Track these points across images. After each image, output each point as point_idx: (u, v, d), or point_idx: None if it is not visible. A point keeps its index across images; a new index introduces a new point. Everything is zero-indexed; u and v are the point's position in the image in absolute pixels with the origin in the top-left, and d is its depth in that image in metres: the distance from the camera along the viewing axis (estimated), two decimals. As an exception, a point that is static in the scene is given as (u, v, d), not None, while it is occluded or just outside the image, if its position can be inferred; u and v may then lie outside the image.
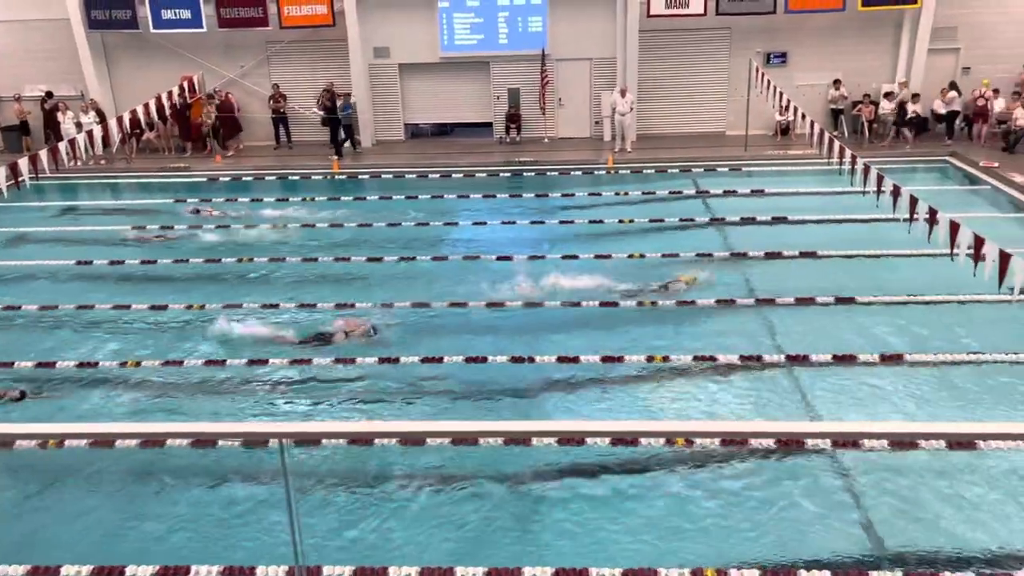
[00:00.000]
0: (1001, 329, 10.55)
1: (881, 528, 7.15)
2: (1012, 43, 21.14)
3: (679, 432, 5.50)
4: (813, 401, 9.30)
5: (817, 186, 17.39)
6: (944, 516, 7.24)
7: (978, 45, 21.38)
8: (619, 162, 20.29)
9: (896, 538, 7.03)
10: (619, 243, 14.77)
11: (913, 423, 8.22)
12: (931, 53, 21.17)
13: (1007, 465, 7.91)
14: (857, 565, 6.70)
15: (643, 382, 9.82)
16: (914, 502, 7.45)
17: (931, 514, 7.28)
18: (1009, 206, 16.29)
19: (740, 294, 12.18)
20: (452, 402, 9.45)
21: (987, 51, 21.32)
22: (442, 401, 9.49)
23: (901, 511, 7.36)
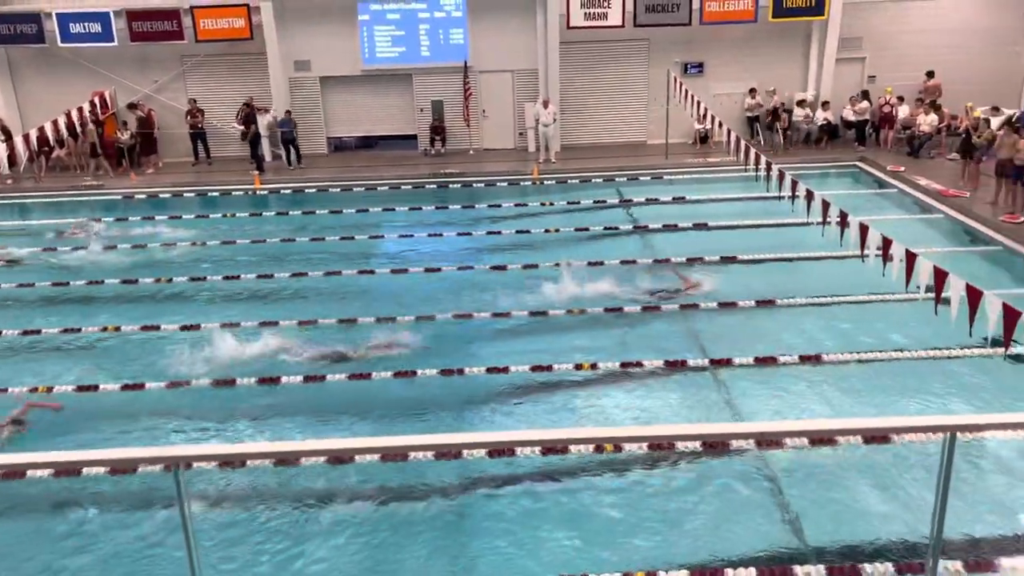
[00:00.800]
0: (912, 325, 11.00)
1: (805, 523, 7.35)
2: (913, 52, 22.18)
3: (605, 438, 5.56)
4: (737, 402, 9.52)
5: (736, 192, 17.87)
6: (864, 508, 7.49)
7: (882, 54, 22.36)
8: (544, 173, 20.48)
9: (819, 532, 7.23)
10: (545, 252, 14.90)
11: (832, 420, 8.48)
12: (839, 62, 22.03)
13: (923, 456, 8.25)
14: (782, 561, 6.87)
15: (573, 389, 9.89)
16: (834, 497, 7.68)
17: (851, 507, 7.51)
18: (915, 208, 17.03)
19: (664, 300, 12.40)
20: (378, 419, 9.34)
21: (890, 60, 22.31)
22: (370, 417, 9.37)
23: (823, 505, 7.58)
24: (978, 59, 22.03)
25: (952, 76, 21.58)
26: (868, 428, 3.13)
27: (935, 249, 13.37)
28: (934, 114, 20.35)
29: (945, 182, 17.52)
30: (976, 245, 14.61)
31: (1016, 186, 14.87)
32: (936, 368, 10.05)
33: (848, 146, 21.64)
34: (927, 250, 11.62)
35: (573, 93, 22.65)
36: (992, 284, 10.86)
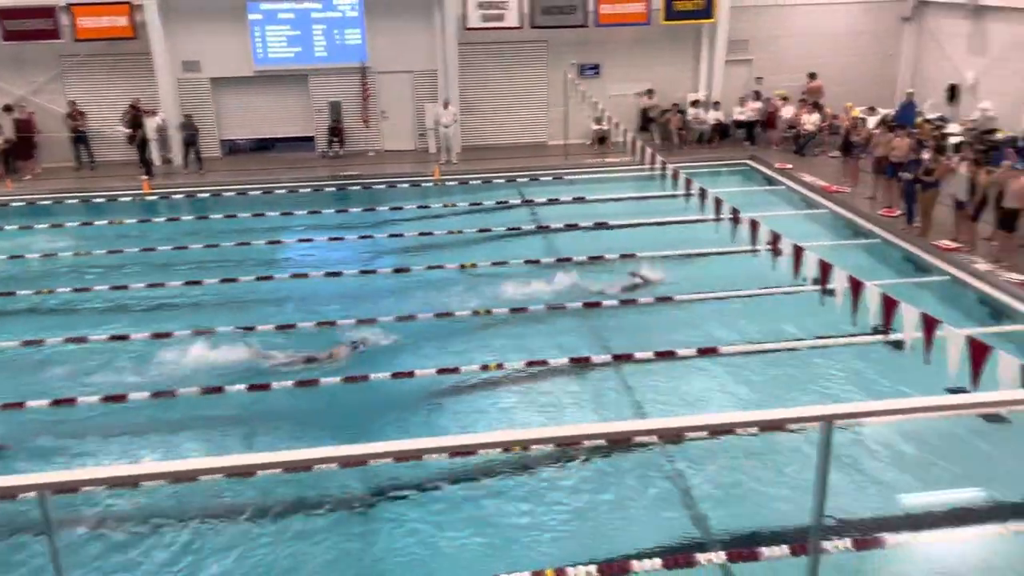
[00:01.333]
0: (801, 316, 11.52)
1: (707, 512, 7.60)
2: (795, 55, 23.22)
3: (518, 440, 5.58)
4: (639, 397, 9.76)
5: (633, 191, 18.30)
6: (763, 495, 7.80)
7: (767, 56, 23.31)
8: (445, 174, 20.43)
9: (720, 520, 7.49)
10: (450, 254, 14.89)
11: (730, 413, 8.79)
12: (728, 64, 22.85)
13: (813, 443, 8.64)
14: (686, 550, 7.08)
15: (480, 391, 9.92)
16: (734, 484, 7.97)
17: (751, 494, 7.82)
18: (802, 203, 17.84)
19: (567, 298, 12.59)
20: (276, 431, 9.13)
21: (775, 62, 23.28)
22: (270, 429, 9.15)
23: (724, 494, 7.86)
24: (856, 61, 23.26)
25: (833, 77, 22.70)
26: (746, 421, 3.27)
27: (820, 243, 14.03)
28: (817, 113, 21.35)
29: (828, 179, 18.42)
30: (857, 238, 15.42)
31: (892, 182, 15.76)
32: (825, 356, 10.57)
33: (738, 145, 22.46)
34: (813, 244, 12.17)
35: (473, 94, 22.68)
36: (872, 275, 11.48)
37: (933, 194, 14.03)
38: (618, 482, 8.08)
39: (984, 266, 12.83)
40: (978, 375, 6.63)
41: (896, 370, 9.69)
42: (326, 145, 22.25)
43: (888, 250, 14.57)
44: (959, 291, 12.64)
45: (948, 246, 13.69)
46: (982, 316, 11.92)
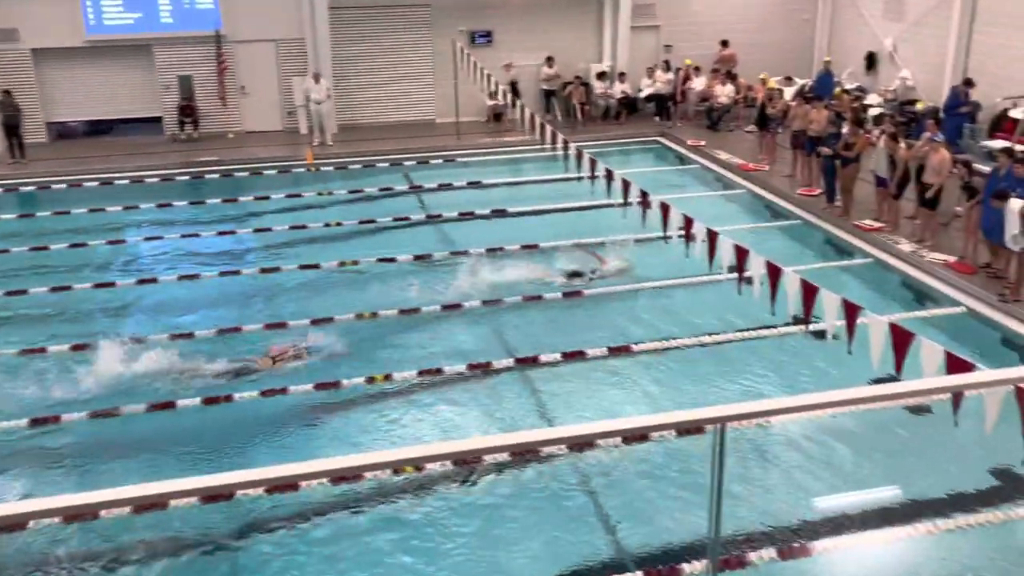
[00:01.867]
0: (718, 307, 11.94)
1: (621, 528, 7.79)
2: (705, 20, 23.96)
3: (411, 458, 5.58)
4: (548, 403, 9.91)
5: (535, 174, 18.52)
6: (681, 506, 8.05)
7: (676, 22, 23.96)
8: (320, 157, 20.16)
9: (636, 536, 7.69)
10: (328, 249, 14.71)
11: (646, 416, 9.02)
12: (633, 31, 23.37)
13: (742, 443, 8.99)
14: (603, 570, 7.24)
15: (367, 406, 9.86)
16: (651, 496, 8.20)
17: (667, 506, 8.06)
18: (717, 183, 18.47)
19: (464, 296, 12.65)
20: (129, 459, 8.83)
21: (684, 28, 23.97)
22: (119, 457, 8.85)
23: (639, 507, 8.07)
24: (771, 27, 24.18)
25: (746, 45, 23.52)
26: (633, 428, 3.39)
27: (737, 226, 14.58)
28: (730, 85, 22.12)
29: (745, 155, 19.12)
30: (776, 220, 16.09)
31: (811, 158, 16.50)
32: (744, 350, 10.99)
33: (647, 120, 23.03)
34: (729, 228, 12.65)
35: (349, 65, 22.43)
36: (792, 260, 12.02)
37: (853, 170, 14.76)
38: (526, 498, 8.19)
39: (907, 247, 13.60)
40: (901, 364, 7.04)
41: (818, 361, 10.17)
42: (176, 127, 21.60)
43: (808, 232, 15.25)
44: (882, 274, 13.36)
45: (870, 226, 14.44)
46: (906, 300, 12.64)
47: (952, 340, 10.46)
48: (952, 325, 11.51)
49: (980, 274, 12.39)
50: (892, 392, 3.79)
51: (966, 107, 17.91)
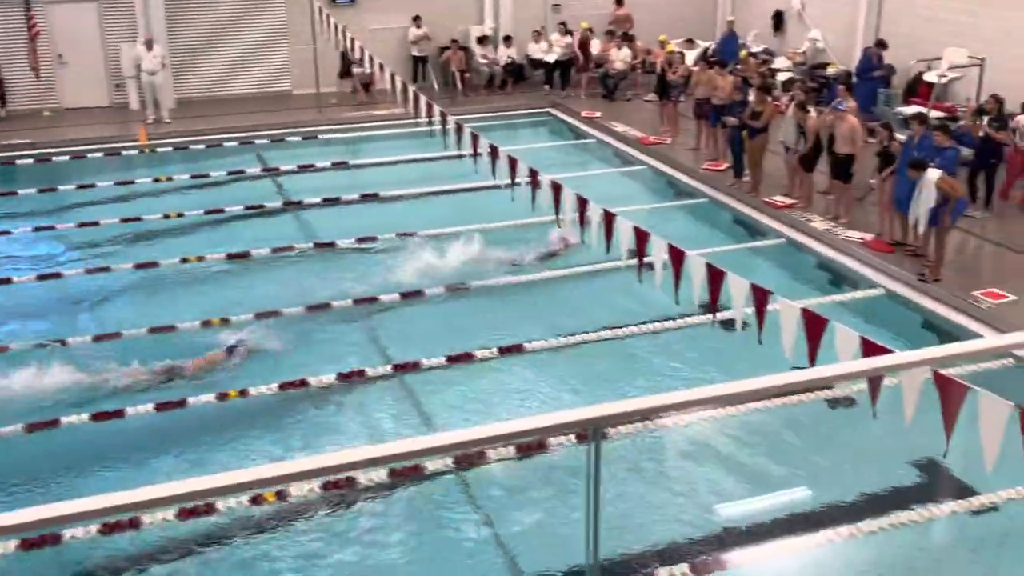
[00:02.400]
0: (619, 298, 12.16)
1: (517, 551, 7.86)
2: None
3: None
4: (430, 411, 9.93)
5: (410, 152, 18.43)
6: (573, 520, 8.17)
7: (564, -22, 24.24)
8: (155, 137, 19.60)
9: (533, 559, 7.78)
10: (168, 245, 14.35)
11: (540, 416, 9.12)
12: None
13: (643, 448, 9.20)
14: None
15: (216, 426, 9.68)
16: (548, 512, 8.30)
17: (567, 521, 8.18)
18: (615, 159, 18.79)
19: (333, 295, 12.51)
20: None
21: (574, -16, 24.25)
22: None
23: (536, 525, 8.17)
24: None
25: (643, 4, 23.96)
26: (511, 433, 3.44)
27: (638, 206, 14.85)
28: (626, 48, 22.49)
29: (644, 128, 19.51)
30: (680, 198, 16.50)
31: (716, 129, 16.95)
32: (648, 342, 11.24)
33: (536, 89, 23.22)
34: (629, 208, 12.90)
35: (186, 29, 21.86)
36: (698, 242, 12.34)
37: (762, 142, 15.23)
38: (408, 523, 8.19)
39: (822, 224, 14.15)
40: (815, 352, 7.32)
41: (727, 354, 10.47)
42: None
43: (715, 211, 15.69)
44: (796, 255, 13.86)
45: (782, 203, 14.95)
46: (821, 283, 13.16)
47: (870, 325, 10.97)
48: (870, 308, 12.04)
49: (898, 253, 12.98)
50: (791, 381, 3.94)
51: (879, 71, 18.72)
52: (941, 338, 11.21)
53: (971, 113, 15.60)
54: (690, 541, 7.95)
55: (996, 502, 8.20)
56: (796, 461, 9.16)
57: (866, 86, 18.43)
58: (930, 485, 8.77)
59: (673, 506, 8.42)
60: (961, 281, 12.15)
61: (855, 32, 20.41)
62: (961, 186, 12.75)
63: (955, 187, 12.12)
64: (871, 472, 8.86)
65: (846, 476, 8.86)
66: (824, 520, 8.15)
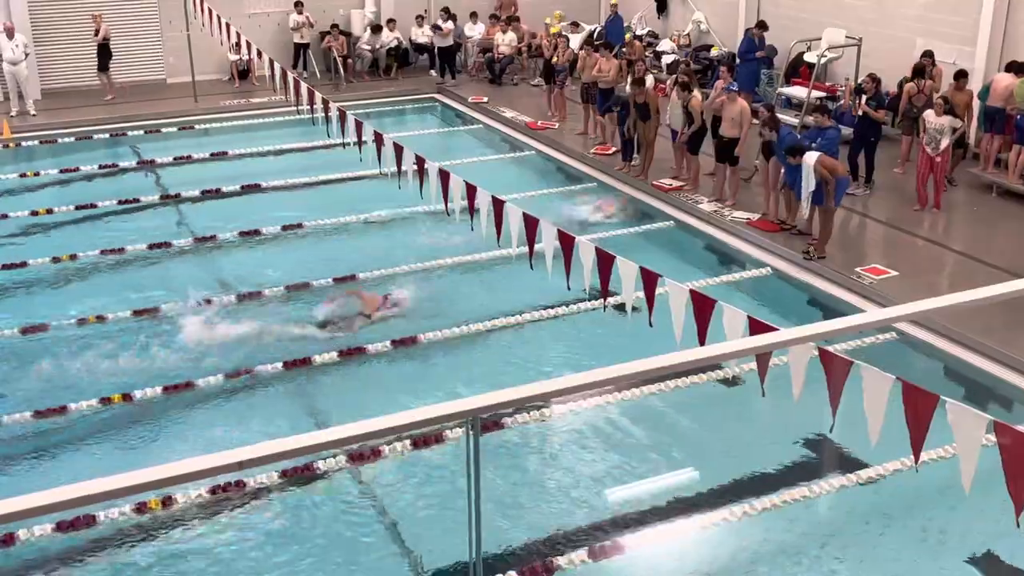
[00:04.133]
0: (511, 286, 12.20)
1: (416, 545, 7.84)
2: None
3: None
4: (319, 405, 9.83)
5: (292, 141, 18.14)
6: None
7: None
8: (19, 130, 18.86)
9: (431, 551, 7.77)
10: (37, 243, 13.87)
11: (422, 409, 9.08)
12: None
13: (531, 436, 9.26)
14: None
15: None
16: (441, 506, 8.29)
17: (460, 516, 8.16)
18: (503, 145, 18.83)
19: (210, 287, 12.33)
20: None
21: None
22: None
23: (430, 521, 8.15)
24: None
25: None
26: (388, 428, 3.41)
27: (528, 193, 14.93)
28: (511, 32, 22.53)
29: (533, 112, 19.60)
30: (570, 183, 16.62)
31: (604, 114, 17.10)
32: (539, 330, 11.30)
33: (421, 73, 23.09)
34: (519, 195, 12.94)
35: (51, 16, 21.08)
36: (589, 227, 12.46)
37: (654, 123, 15.39)
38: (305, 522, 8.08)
39: (709, 206, 14.43)
40: (704, 333, 7.44)
41: (618, 338, 10.60)
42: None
43: (604, 195, 15.84)
44: (685, 237, 14.13)
45: (670, 186, 15.20)
46: (710, 264, 13.42)
47: (758, 304, 11.26)
48: (758, 288, 12.36)
49: (784, 233, 13.31)
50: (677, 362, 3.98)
51: (761, 52, 19.16)
52: (826, 315, 11.53)
53: (850, 92, 16.13)
54: (585, 527, 8.04)
55: (883, 474, 8.50)
56: (687, 442, 9.34)
57: (748, 67, 18.86)
58: (819, 461, 9.06)
59: (565, 492, 8.49)
60: (844, 258, 12.55)
61: (737, 14, 20.85)
62: (843, 165, 13.15)
63: (836, 168, 12.48)
64: (761, 451, 9.09)
65: (737, 456, 9.06)
66: (716, 500, 8.33)
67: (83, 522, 7.74)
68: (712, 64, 19.97)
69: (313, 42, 22.66)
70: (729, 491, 8.48)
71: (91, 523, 7.79)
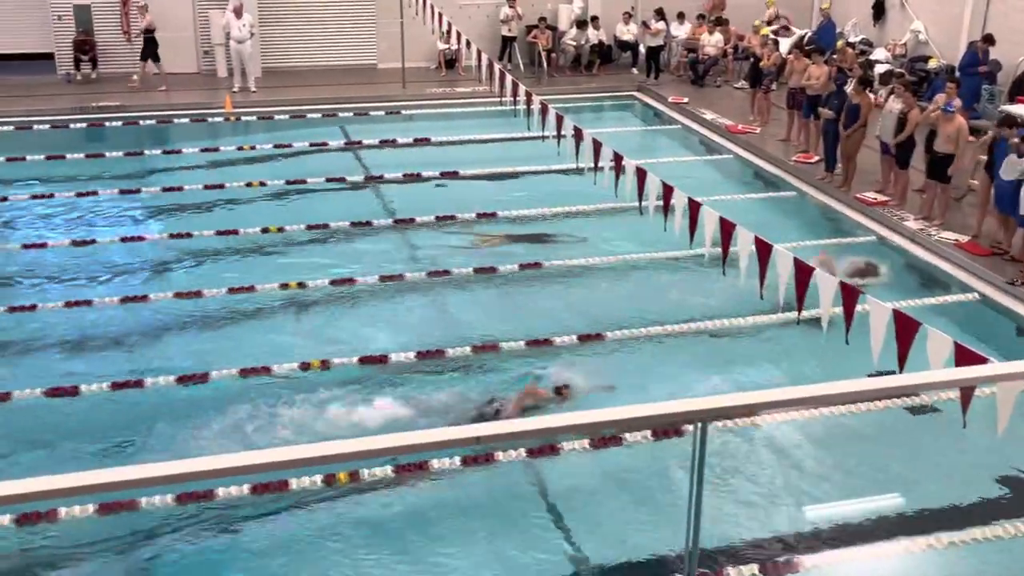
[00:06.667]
0: (703, 289, 12.03)
1: (584, 543, 7.86)
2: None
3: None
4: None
5: (492, 131, 18.44)
6: (650, 517, 8.13)
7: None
8: (240, 105, 19.90)
9: (600, 552, 7.77)
10: (249, 214, 14.57)
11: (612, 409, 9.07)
12: (609, -32, 23.35)
13: (723, 446, 9.09)
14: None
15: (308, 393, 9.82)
16: (616, 505, 8.26)
17: (635, 517, 8.13)
18: (700, 147, 18.57)
19: (406, 267, 12.72)
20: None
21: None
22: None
23: (603, 518, 8.13)
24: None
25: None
26: (609, 421, 3.38)
27: (723, 196, 14.67)
28: (718, 33, 22.17)
29: (734, 116, 19.23)
30: (768, 190, 16.23)
31: (809, 120, 16.62)
32: (727, 339, 11.08)
33: (623, 71, 23.03)
34: (714, 198, 12.72)
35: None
36: (785, 236, 12.13)
37: (858, 136, 14.87)
38: (468, 510, 8.22)
39: (915, 224, 13.79)
40: (905, 356, 7.13)
41: (810, 354, 10.28)
42: (72, 66, 21.15)
43: (804, 205, 15.42)
44: (887, 254, 13.52)
45: (874, 200, 14.62)
46: (912, 285, 12.83)
47: (963, 330, 10.64)
48: (963, 313, 11.72)
49: (995, 257, 12.59)
50: (897, 386, 3.82)
51: (984, 66, 18.14)
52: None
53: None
54: (760, 541, 7.84)
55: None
56: (876, 466, 8.96)
57: (969, 82, 17.86)
58: (1016, 500, 8.53)
59: (748, 504, 8.29)
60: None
61: (960, 25, 19.80)
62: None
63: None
64: (956, 483, 8.63)
65: (929, 485, 8.64)
66: (902, 529, 7.98)
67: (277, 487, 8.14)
68: (928, 76, 19.05)
69: (520, 35, 22.97)
70: (915, 520, 8.11)
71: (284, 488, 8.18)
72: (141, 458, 8.61)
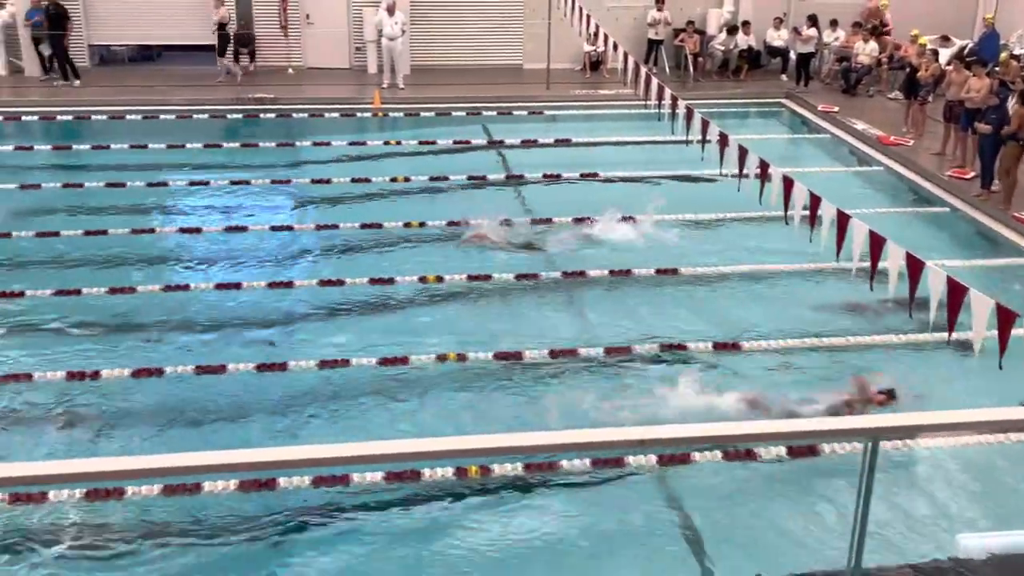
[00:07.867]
0: (840, 303, 11.71)
1: (713, 559, 7.74)
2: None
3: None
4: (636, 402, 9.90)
5: (634, 134, 18.34)
6: (798, 532, 7.95)
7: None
8: (388, 101, 20.31)
9: (742, 568, 7.64)
10: (392, 207, 14.85)
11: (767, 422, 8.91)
12: (762, -27, 22.92)
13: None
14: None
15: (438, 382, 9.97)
16: (750, 522, 8.10)
17: (767, 533, 7.95)
18: (850, 158, 18.05)
19: (541, 267, 12.82)
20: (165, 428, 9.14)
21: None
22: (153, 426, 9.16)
23: (739, 538, 7.99)
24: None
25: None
26: (780, 432, 3.32)
27: (872, 210, 14.21)
28: (874, 42, 21.51)
29: (886, 127, 18.63)
30: (919, 205, 15.66)
31: (966, 134, 15.98)
32: (870, 356, 10.74)
33: (771, 77, 22.59)
34: (862, 211, 12.33)
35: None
36: (936, 254, 11.67)
37: (1017, 151, 14.22)
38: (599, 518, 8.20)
39: (1078, 247, 13.12)
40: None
41: (960, 377, 9.87)
42: (232, 58, 21.97)
43: (957, 222, 14.83)
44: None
45: (1034, 220, 13.97)
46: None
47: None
48: None
49: None
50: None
51: None
52: None
53: None
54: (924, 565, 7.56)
55: None
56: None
57: None
58: None
59: (903, 527, 8.00)
60: None
61: None
62: None
63: None
64: None
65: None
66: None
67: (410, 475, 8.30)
68: (1100, 92, 18.05)
69: (667, 39, 22.79)
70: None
71: (416, 478, 8.33)
72: (282, 441, 8.95)
